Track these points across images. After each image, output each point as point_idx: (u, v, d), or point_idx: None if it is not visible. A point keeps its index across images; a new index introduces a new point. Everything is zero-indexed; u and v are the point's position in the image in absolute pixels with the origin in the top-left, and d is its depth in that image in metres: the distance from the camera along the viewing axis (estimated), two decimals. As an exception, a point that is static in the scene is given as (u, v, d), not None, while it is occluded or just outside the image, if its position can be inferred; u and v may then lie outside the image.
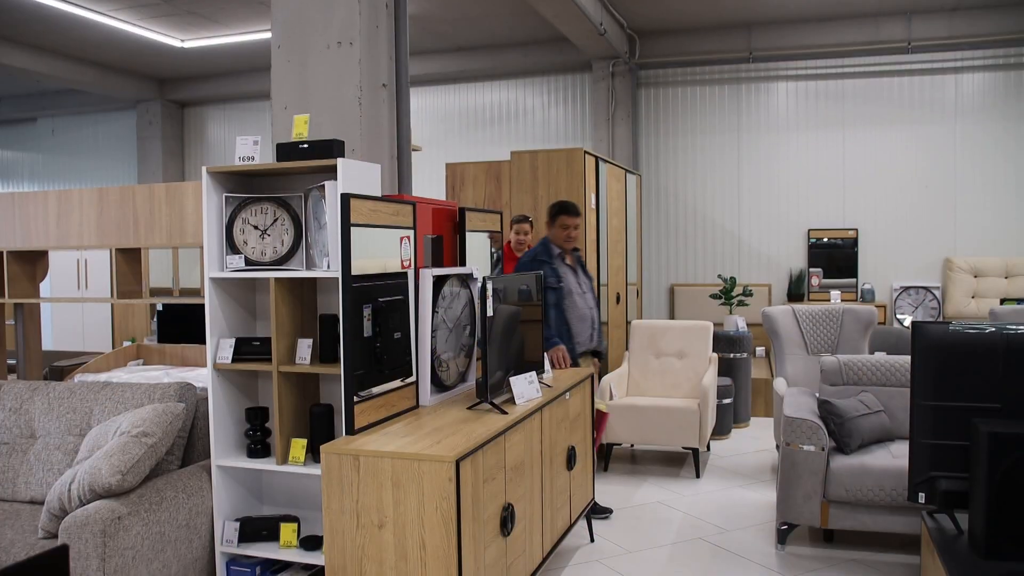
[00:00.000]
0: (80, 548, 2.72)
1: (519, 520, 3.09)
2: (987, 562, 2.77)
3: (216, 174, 3.14)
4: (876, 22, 8.07)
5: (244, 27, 8.26)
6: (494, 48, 9.09)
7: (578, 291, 4.45)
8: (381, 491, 2.65)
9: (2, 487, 3.46)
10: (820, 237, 8.33)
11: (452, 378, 3.54)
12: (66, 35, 8.43)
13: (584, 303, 4.48)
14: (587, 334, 4.48)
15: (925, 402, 3.13)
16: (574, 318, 4.41)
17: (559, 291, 4.38)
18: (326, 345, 3.09)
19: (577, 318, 4.42)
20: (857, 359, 4.34)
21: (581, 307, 4.45)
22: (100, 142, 11.46)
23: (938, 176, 8.09)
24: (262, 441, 3.19)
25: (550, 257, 4.42)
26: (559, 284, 4.38)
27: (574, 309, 4.42)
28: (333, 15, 3.73)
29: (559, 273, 4.40)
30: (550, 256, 4.43)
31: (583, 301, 4.47)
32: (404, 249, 3.19)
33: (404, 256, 3.19)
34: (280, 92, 3.85)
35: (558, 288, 4.38)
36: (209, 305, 3.14)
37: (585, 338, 4.46)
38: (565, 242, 4.45)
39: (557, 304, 4.38)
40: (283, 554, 3.08)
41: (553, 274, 4.38)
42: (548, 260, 4.41)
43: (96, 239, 4.27)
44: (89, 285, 5.95)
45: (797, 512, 3.84)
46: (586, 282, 4.56)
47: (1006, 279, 7.77)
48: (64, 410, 3.51)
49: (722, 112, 8.71)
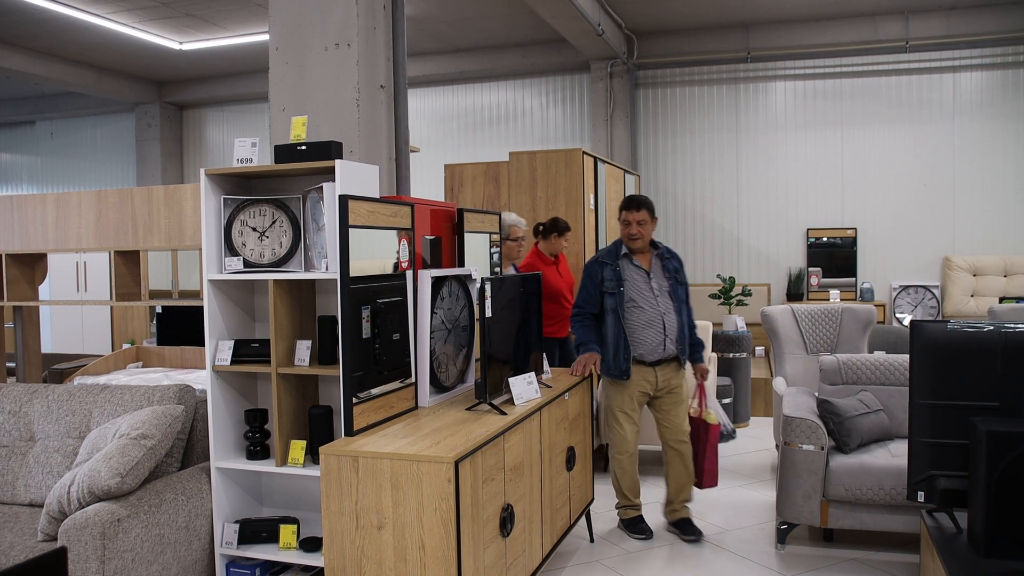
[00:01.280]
0: (79, 550, 2.72)
1: (519, 521, 3.09)
2: (986, 560, 2.78)
3: (214, 176, 3.14)
4: (874, 21, 8.07)
5: (242, 29, 8.26)
6: (492, 49, 9.09)
7: (646, 294, 4.04)
8: (380, 492, 2.65)
9: (1, 490, 3.46)
10: (819, 236, 8.33)
11: (451, 379, 3.54)
12: (64, 38, 8.43)
13: (653, 307, 4.04)
14: (656, 341, 4.04)
15: (924, 401, 3.13)
16: (637, 324, 4.03)
17: (616, 296, 4.03)
18: (325, 347, 3.09)
19: (642, 324, 4.03)
20: (856, 358, 4.34)
21: (649, 311, 4.03)
22: (99, 145, 11.45)
23: (937, 175, 8.09)
24: (261, 443, 3.19)
25: (613, 258, 4.10)
26: (617, 288, 4.04)
27: (637, 314, 4.03)
28: (331, 17, 3.73)
29: (621, 275, 4.05)
30: (613, 257, 4.10)
31: (651, 305, 4.04)
32: (402, 250, 3.19)
33: (403, 257, 3.19)
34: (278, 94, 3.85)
35: (615, 293, 4.03)
36: (208, 307, 3.14)
37: (654, 345, 4.04)
38: (628, 240, 4.10)
39: (615, 309, 4.03)
40: (283, 556, 3.09)
41: (613, 276, 4.05)
42: (609, 262, 4.09)
43: (95, 242, 4.26)
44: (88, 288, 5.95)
45: (797, 511, 3.84)
46: (665, 284, 4.09)
47: (1005, 277, 7.78)
48: (63, 413, 3.51)
49: (720, 112, 8.72)
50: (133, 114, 11.00)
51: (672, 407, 4.19)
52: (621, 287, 4.04)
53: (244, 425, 3.25)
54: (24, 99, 11.29)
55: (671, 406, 4.18)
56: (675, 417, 4.19)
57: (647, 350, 4.05)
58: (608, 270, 4.08)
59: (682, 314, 4.11)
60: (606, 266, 4.09)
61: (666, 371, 4.12)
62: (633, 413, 4.14)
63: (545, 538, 3.41)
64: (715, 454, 4.27)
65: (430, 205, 3.59)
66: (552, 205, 5.94)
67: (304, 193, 3.16)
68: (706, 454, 4.21)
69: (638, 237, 4.06)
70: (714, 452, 4.25)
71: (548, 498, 3.45)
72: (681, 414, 4.20)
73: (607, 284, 4.05)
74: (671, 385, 4.16)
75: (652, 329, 4.04)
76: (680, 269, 4.19)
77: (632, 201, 4.10)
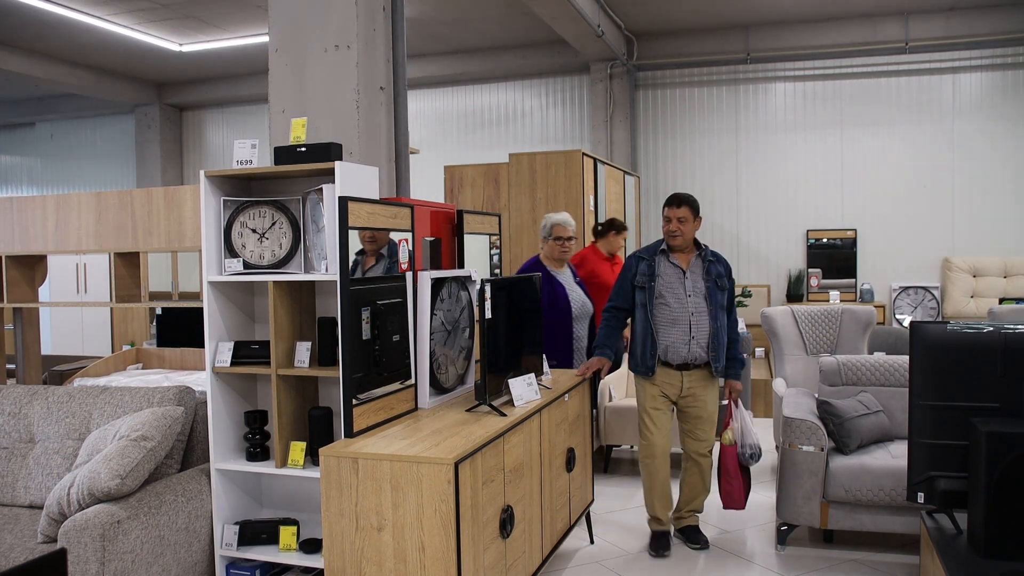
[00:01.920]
0: (79, 552, 2.71)
1: (518, 522, 3.09)
2: (986, 561, 2.77)
3: (214, 178, 3.14)
4: (873, 22, 8.08)
5: (242, 31, 8.26)
6: (492, 50, 9.10)
7: (677, 292, 3.90)
8: (380, 494, 2.65)
9: (1, 491, 3.46)
10: (819, 237, 8.34)
11: (451, 380, 3.54)
12: (64, 39, 8.44)
13: (682, 305, 3.88)
14: (681, 341, 3.87)
15: (924, 402, 3.13)
16: (663, 321, 3.90)
17: (647, 290, 3.93)
18: (325, 348, 3.09)
19: (668, 321, 3.89)
20: (856, 359, 4.34)
21: (676, 309, 3.88)
22: (99, 146, 11.46)
23: (936, 176, 8.10)
24: (261, 444, 3.19)
25: (651, 254, 4.00)
26: (648, 283, 3.93)
27: (665, 311, 3.90)
28: (330, 18, 3.73)
29: (655, 271, 3.94)
30: (651, 252, 4.00)
31: (680, 303, 3.89)
32: (402, 252, 3.19)
33: (402, 259, 3.19)
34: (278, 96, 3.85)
35: (646, 287, 3.93)
36: (208, 309, 3.14)
37: (679, 346, 3.88)
38: (669, 238, 3.95)
39: (644, 304, 3.93)
40: (283, 557, 3.08)
41: (647, 271, 3.95)
42: (646, 256, 4.00)
43: (95, 243, 4.26)
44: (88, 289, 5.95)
45: (797, 513, 3.84)
46: (701, 285, 3.92)
47: (1005, 278, 7.78)
48: (63, 414, 3.51)
49: (720, 113, 8.72)
50: (133, 116, 11.01)
51: (697, 419, 3.99)
52: (652, 282, 3.93)
53: (244, 427, 3.25)
54: (24, 101, 11.30)
55: (696, 418, 3.99)
56: (699, 430, 4.00)
57: (672, 350, 3.90)
58: (644, 264, 3.98)
59: (717, 319, 3.91)
60: (642, 260, 4.00)
61: (693, 378, 3.93)
62: (658, 413, 3.97)
63: (545, 539, 3.41)
64: (735, 475, 3.95)
65: (430, 206, 3.59)
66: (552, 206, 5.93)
67: (304, 194, 3.16)
68: (722, 475, 3.98)
69: (678, 234, 3.92)
70: (734, 473, 3.94)
71: (548, 499, 3.45)
72: (706, 428, 4.00)
73: (639, 278, 3.96)
74: (696, 394, 3.95)
75: (677, 328, 3.88)
76: (725, 275, 3.98)
77: (674, 198, 3.97)
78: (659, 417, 3.97)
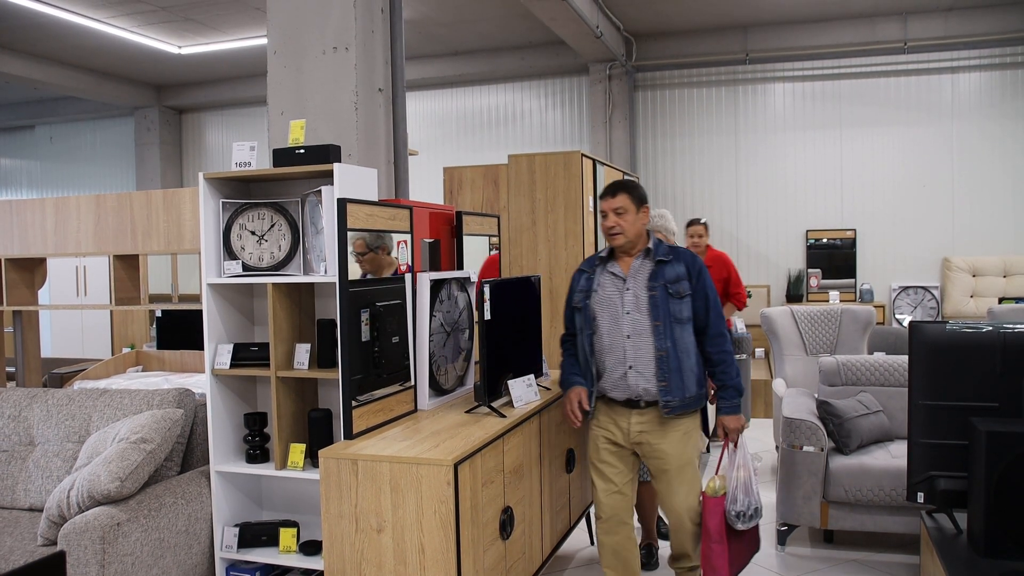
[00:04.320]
0: (79, 555, 2.71)
1: (518, 523, 3.09)
2: (986, 561, 2.78)
3: (213, 180, 3.14)
4: (872, 22, 8.08)
5: (241, 33, 8.26)
6: (490, 52, 9.10)
7: (613, 310, 3.04)
8: (380, 495, 2.65)
9: (1, 494, 3.46)
10: (818, 238, 8.33)
11: (450, 382, 3.54)
12: (63, 42, 8.44)
13: (615, 326, 3.02)
14: (618, 373, 3.03)
15: (923, 402, 3.13)
16: (599, 348, 3.08)
17: (583, 312, 3.11)
18: (324, 350, 3.09)
19: (602, 347, 3.06)
20: (856, 359, 4.34)
21: (608, 332, 3.04)
22: (98, 149, 11.46)
23: (935, 176, 8.10)
24: (261, 446, 3.19)
25: (591, 264, 3.17)
26: (584, 302, 3.11)
27: (599, 337, 3.08)
28: (328, 20, 3.74)
29: (591, 285, 3.11)
30: (591, 263, 3.18)
31: (614, 323, 3.03)
32: (401, 253, 3.19)
33: (401, 260, 3.19)
34: (276, 98, 3.86)
35: (582, 307, 3.12)
36: (207, 311, 3.15)
37: (616, 378, 3.04)
38: (608, 238, 3.09)
39: (581, 329, 3.14)
40: (283, 559, 3.09)
41: (586, 287, 3.12)
42: (587, 268, 3.18)
43: (94, 246, 4.26)
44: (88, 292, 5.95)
45: (797, 513, 3.84)
46: (644, 296, 3.00)
47: (1004, 278, 7.78)
48: (63, 417, 3.51)
49: (719, 114, 8.72)
50: (132, 118, 11.00)
51: (662, 472, 3.07)
52: (588, 300, 3.10)
53: (243, 429, 3.25)
54: (23, 103, 11.30)
55: (661, 471, 3.08)
56: (669, 489, 3.08)
57: (610, 384, 3.07)
58: (584, 279, 3.15)
59: (668, 338, 2.96)
60: (583, 274, 3.18)
61: (645, 418, 3.04)
62: (605, 466, 3.13)
63: (545, 541, 3.40)
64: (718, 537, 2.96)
65: (429, 208, 3.59)
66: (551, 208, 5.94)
67: (303, 196, 3.16)
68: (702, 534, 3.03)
69: (618, 231, 3.03)
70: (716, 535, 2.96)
71: (548, 500, 3.45)
72: (677, 485, 3.06)
73: (576, 297, 3.15)
74: (649, 441, 3.05)
75: (612, 356, 3.04)
76: (686, 277, 3.01)
77: (608, 187, 3.09)
78: (607, 470, 3.13)
